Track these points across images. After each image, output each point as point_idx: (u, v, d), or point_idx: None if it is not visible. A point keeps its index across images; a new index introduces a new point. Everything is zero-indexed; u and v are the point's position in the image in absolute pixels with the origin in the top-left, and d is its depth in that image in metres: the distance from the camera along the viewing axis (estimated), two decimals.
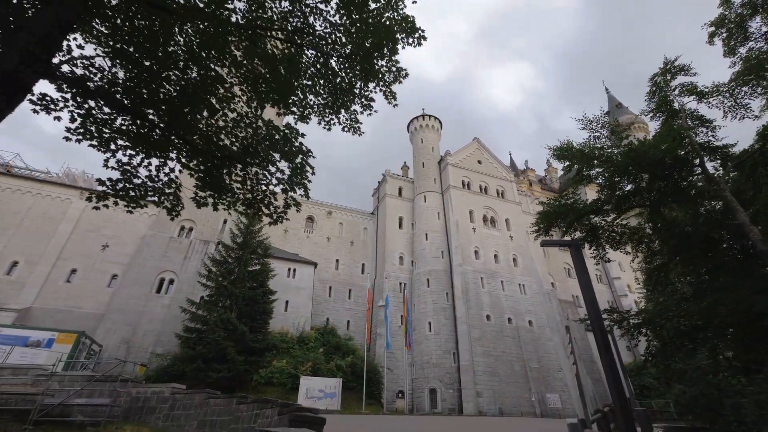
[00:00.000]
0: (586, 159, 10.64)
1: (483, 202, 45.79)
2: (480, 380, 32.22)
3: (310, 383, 24.81)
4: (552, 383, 34.39)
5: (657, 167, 9.02)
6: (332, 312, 39.59)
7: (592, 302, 9.19)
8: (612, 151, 10.20)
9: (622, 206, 10.36)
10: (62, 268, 29.87)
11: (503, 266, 41.33)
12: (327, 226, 45.42)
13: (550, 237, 11.65)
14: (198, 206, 8.05)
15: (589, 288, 9.35)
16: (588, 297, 9.21)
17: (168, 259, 32.07)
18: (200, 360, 23.58)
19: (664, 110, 11.29)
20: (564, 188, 71.31)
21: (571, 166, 11.81)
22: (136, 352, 27.56)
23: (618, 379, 8.39)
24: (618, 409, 8.06)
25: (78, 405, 14.20)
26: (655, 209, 10.59)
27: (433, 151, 50.01)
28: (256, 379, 25.56)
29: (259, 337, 27.72)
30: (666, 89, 11.23)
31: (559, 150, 11.66)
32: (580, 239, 11.31)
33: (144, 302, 29.56)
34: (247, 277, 28.76)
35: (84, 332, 23.48)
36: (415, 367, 34.67)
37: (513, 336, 36.20)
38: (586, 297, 9.25)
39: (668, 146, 8.94)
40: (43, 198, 32.00)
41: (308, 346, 30.17)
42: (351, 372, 29.37)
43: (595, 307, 9.12)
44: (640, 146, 9.24)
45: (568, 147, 11.30)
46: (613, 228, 11.14)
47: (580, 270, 9.60)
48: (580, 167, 11.24)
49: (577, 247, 9.83)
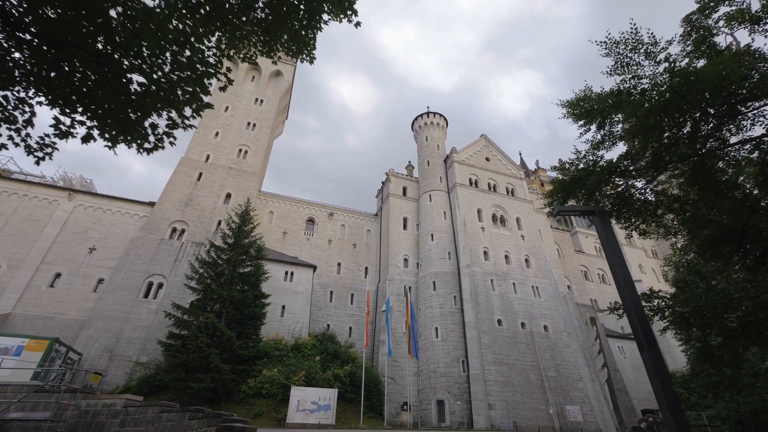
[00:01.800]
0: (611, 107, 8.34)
1: (492, 201, 43.31)
2: (492, 391, 29.47)
3: (302, 394, 22.52)
4: (572, 394, 31.38)
5: (714, 97, 6.74)
6: (333, 318, 37.39)
7: (627, 282, 6.87)
8: (646, 85, 7.89)
9: (660, 161, 8.00)
10: (46, 273, 28.40)
11: (515, 267, 38.64)
12: (328, 228, 43.45)
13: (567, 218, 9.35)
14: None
15: (620, 264, 7.04)
16: (621, 275, 6.90)
17: (157, 262, 30.41)
18: (181, 369, 21.58)
19: (705, 49, 8.98)
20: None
21: (589, 123, 9.53)
22: (119, 361, 25.76)
23: (667, 380, 6.04)
24: (669, 418, 5.76)
25: (17, 420, 12.26)
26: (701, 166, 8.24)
27: (439, 149, 47.88)
28: (245, 390, 23.38)
29: (249, 344, 25.65)
30: (707, 22, 8.95)
31: (574, 102, 9.42)
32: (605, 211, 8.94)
33: (129, 308, 27.83)
34: (238, 279, 26.83)
35: (57, 339, 21.71)
36: (422, 376, 32.09)
37: (527, 342, 33.38)
38: (618, 275, 6.94)
39: (729, 70, 6.64)
40: (30, 200, 30.79)
41: (303, 354, 27.95)
42: (350, 382, 27.03)
43: (629, 287, 6.80)
44: (688, 72, 6.99)
45: (585, 96, 9.06)
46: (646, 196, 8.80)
47: (607, 243, 7.31)
48: (601, 121, 8.97)
49: (603, 214, 7.55)
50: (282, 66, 48.41)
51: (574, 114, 9.84)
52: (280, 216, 42.13)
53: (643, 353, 6.25)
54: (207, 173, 37.06)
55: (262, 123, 43.40)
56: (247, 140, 41.27)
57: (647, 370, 6.13)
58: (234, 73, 45.69)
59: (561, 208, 7.49)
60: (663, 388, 5.90)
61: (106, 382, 24.85)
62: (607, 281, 52.51)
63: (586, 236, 56.91)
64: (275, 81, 47.98)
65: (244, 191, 36.97)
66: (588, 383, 32.20)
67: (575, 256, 51.28)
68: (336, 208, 45.43)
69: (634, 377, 39.83)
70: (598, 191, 8.88)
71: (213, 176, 37.11)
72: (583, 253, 53.98)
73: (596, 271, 52.96)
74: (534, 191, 50.53)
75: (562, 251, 49.17)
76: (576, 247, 53.93)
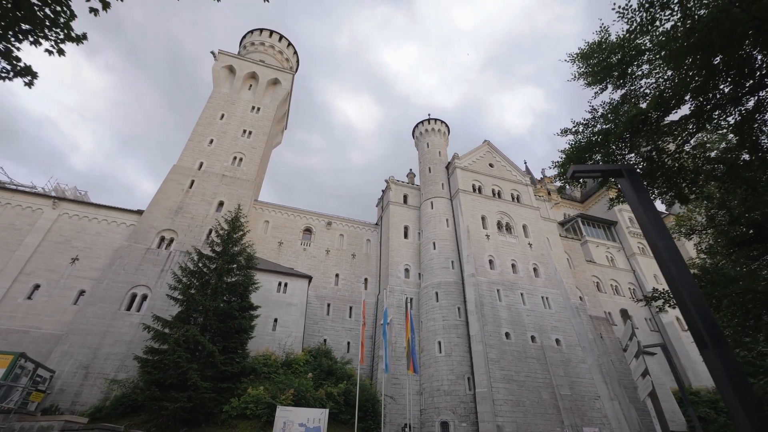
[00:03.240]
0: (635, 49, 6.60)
1: (497, 207, 41.38)
2: (501, 411, 26.95)
3: (289, 415, 20.33)
4: (589, 414, 28.70)
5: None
6: (330, 332, 35.25)
7: (675, 259, 4.99)
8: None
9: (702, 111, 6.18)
10: (24, 284, 26.88)
11: (522, 277, 36.40)
12: (326, 237, 41.72)
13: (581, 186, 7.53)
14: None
15: (664, 236, 5.18)
16: (665, 249, 5.02)
17: (142, 272, 28.78)
18: (155, 387, 19.62)
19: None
20: (589, 194, 66.02)
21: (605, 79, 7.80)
22: (95, 378, 23.86)
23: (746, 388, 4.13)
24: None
25: None
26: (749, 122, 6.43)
27: (440, 156, 46.35)
28: (227, 411, 21.25)
29: (235, 359, 23.61)
30: None
31: (587, 53, 7.72)
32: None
33: (110, 321, 26.08)
34: (225, 289, 25.01)
35: (23, 354, 19.95)
36: (424, 395, 29.66)
37: (538, 357, 30.89)
38: (662, 249, 5.05)
39: None
40: (12, 208, 29.55)
41: (295, 370, 25.81)
42: (345, 401, 24.74)
43: (679, 266, 4.94)
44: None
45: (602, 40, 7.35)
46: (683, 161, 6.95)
47: (643, 209, 5.45)
48: (622, 71, 7.24)
49: (633, 174, 5.74)
50: (280, 74, 47.69)
51: (587, 72, 8.13)
52: (276, 225, 40.55)
53: (706, 353, 4.34)
54: (199, 181, 35.76)
55: (258, 131, 42.33)
56: (243, 148, 40.10)
57: (713, 374, 4.24)
58: (231, 82, 45.04)
59: (578, 167, 5.68)
60: (740, 395, 3.97)
61: (79, 402, 22.94)
62: (621, 293, 49.76)
63: (597, 245, 54.40)
64: (273, 89, 47.17)
65: (237, 199, 35.53)
66: (606, 402, 29.52)
67: (586, 266, 48.75)
68: (334, 217, 43.78)
69: (658, 395, 36.80)
70: (622, 152, 7.06)
71: (205, 184, 35.79)
72: (594, 263, 51.41)
73: (609, 282, 50.27)
74: (541, 198, 48.55)
75: (572, 261, 46.74)
76: (587, 257, 51.44)
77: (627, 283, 51.14)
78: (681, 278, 4.71)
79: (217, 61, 44.90)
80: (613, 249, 54.06)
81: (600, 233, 55.77)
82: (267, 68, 47.22)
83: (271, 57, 51.25)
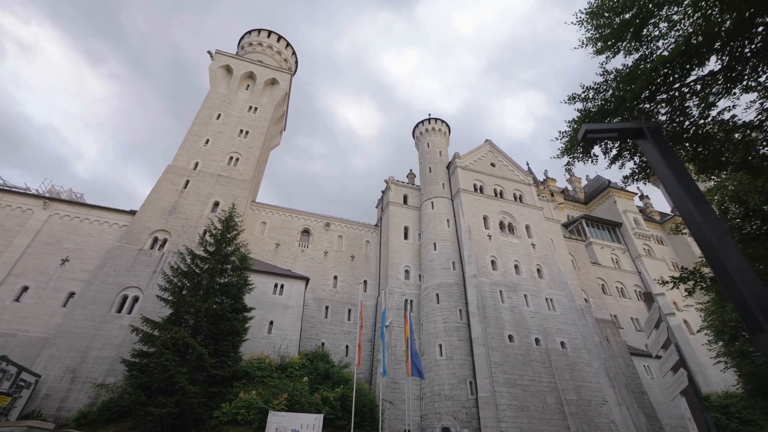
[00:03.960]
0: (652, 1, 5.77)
1: (499, 207, 40.47)
2: (504, 416, 25.88)
3: (282, 421, 19.39)
4: (596, 420, 27.57)
5: None
6: (328, 335, 34.30)
7: (713, 223, 4.17)
8: None
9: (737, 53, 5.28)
10: (12, 286, 26.11)
11: (525, 278, 35.40)
12: (325, 239, 40.88)
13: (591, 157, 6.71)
14: None
15: (697, 197, 4.32)
16: (702, 213, 4.19)
17: (134, 273, 27.98)
18: (141, 392, 18.73)
19: None
20: (592, 196, 65.02)
21: (619, 39, 6.98)
22: (83, 383, 22.97)
23: None
24: None
25: None
26: None
27: (441, 156, 45.56)
28: (217, 416, 20.30)
29: (227, 363, 22.71)
30: None
31: (597, 11, 6.91)
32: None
33: (99, 324, 25.25)
34: (217, 290, 24.16)
35: (5, 357, 19.18)
36: (424, 400, 28.62)
37: (542, 360, 29.82)
38: (696, 215, 4.22)
39: None
40: (2, 209, 28.86)
41: (290, 374, 24.86)
42: (341, 406, 23.71)
43: (718, 233, 4.09)
44: None
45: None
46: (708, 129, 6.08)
47: (670, 171, 4.60)
48: (636, 30, 6.41)
49: (655, 132, 4.89)
50: (277, 74, 47.16)
51: (596, 37, 7.31)
52: (273, 227, 39.77)
53: (759, 337, 3.47)
54: (194, 181, 35.06)
55: (255, 130, 41.69)
56: (239, 147, 39.44)
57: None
58: (228, 82, 44.52)
59: (590, 126, 4.84)
60: None
61: (65, 407, 22.06)
62: (627, 295, 48.59)
63: (602, 247, 53.26)
64: (270, 89, 46.61)
65: (233, 199, 34.76)
66: (614, 407, 28.38)
67: (591, 267, 47.63)
68: (333, 218, 42.96)
69: (664, 400, 35.56)
70: (641, 111, 6.20)
71: (201, 184, 35.08)
72: (599, 265, 50.27)
73: (614, 284, 49.11)
74: (544, 198, 47.62)
75: (577, 262, 45.67)
76: (591, 258, 50.32)
77: (633, 285, 50.00)
78: (724, 250, 3.84)
79: (214, 60, 44.44)
80: (618, 251, 52.97)
81: (605, 235, 54.71)
82: (264, 68, 46.72)
83: (270, 57, 50.79)
